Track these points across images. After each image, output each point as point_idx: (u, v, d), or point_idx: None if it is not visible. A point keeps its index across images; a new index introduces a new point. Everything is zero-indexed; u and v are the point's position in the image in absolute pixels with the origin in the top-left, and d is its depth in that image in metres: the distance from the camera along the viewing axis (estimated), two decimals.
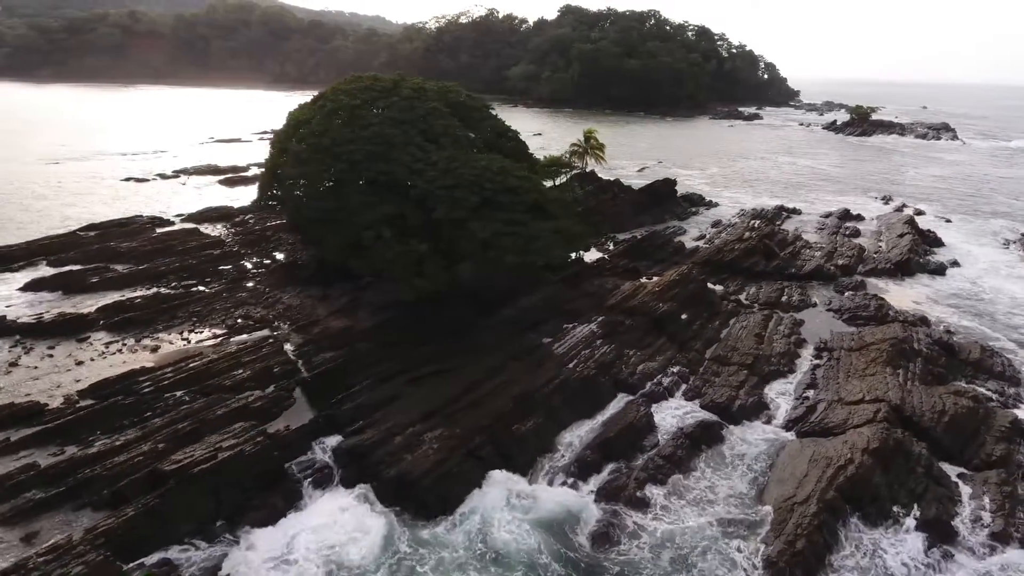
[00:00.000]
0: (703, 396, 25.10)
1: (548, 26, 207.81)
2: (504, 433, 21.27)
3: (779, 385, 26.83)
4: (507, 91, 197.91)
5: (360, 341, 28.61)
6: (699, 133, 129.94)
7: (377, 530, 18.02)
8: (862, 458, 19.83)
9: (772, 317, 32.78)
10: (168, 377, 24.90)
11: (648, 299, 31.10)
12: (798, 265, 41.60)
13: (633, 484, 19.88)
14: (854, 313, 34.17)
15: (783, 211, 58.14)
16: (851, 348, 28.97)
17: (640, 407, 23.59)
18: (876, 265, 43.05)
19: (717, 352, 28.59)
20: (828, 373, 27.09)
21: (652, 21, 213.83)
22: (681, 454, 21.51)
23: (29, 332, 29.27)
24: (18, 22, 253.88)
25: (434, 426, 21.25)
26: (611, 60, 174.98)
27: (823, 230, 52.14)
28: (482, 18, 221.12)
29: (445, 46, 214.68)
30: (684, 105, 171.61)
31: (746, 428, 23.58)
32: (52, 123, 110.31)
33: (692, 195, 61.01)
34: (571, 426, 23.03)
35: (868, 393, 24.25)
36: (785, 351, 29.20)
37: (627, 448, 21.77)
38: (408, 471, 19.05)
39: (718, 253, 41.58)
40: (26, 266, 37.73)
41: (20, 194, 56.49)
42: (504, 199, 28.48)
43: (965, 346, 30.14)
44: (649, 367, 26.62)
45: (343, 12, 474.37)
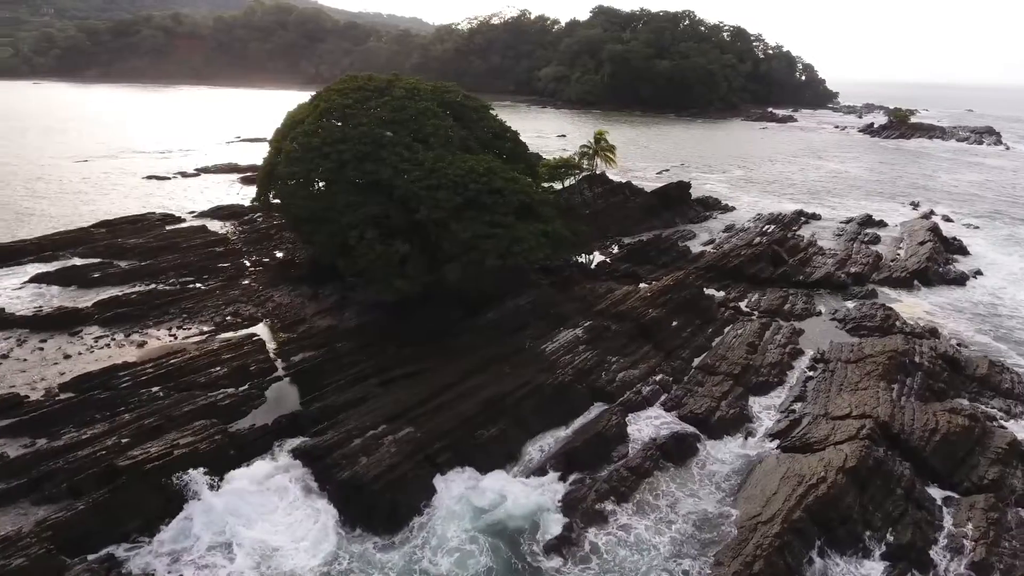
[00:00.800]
0: (683, 407, 24.28)
1: (580, 27, 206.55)
2: (466, 439, 20.84)
3: (766, 397, 25.84)
4: (538, 92, 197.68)
5: (342, 341, 28.50)
6: (728, 135, 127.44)
7: (322, 535, 17.78)
8: (836, 477, 18.82)
9: (770, 326, 31.66)
10: (148, 373, 25.12)
11: (638, 305, 30.32)
12: (807, 272, 40.20)
13: (593, 496, 19.25)
14: (858, 323, 32.80)
15: (801, 216, 56.40)
16: (848, 360, 27.74)
17: (613, 416, 22.90)
18: (891, 274, 41.35)
19: (705, 361, 27.68)
20: (820, 386, 25.96)
21: (686, 22, 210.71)
22: (649, 466, 20.80)
23: (26, 325, 29.92)
24: (69, 24, 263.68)
25: (396, 429, 20.93)
26: (642, 61, 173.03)
27: (841, 236, 50.39)
28: (514, 19, 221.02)
29: (477, 47, 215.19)
30: (716, 107, 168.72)
31: (723, 441, 22.71)
32: (91, 122, 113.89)
33: (708, 199, 59.65)
34: (542, 434, 22.49)
35: (856, 408, 23.11)
36: (778, 361, 28.12)
37: (594, 458, 21.12)
38: (360, 475, 18.77)
39: (723, 258, 40.45)
40: (35, 260, 38.70)
41: (46, 190, 58.27)
42: (488, 200, 28.06)
43: (972, 361, 28.61)
44: (630, 375, 25.88)
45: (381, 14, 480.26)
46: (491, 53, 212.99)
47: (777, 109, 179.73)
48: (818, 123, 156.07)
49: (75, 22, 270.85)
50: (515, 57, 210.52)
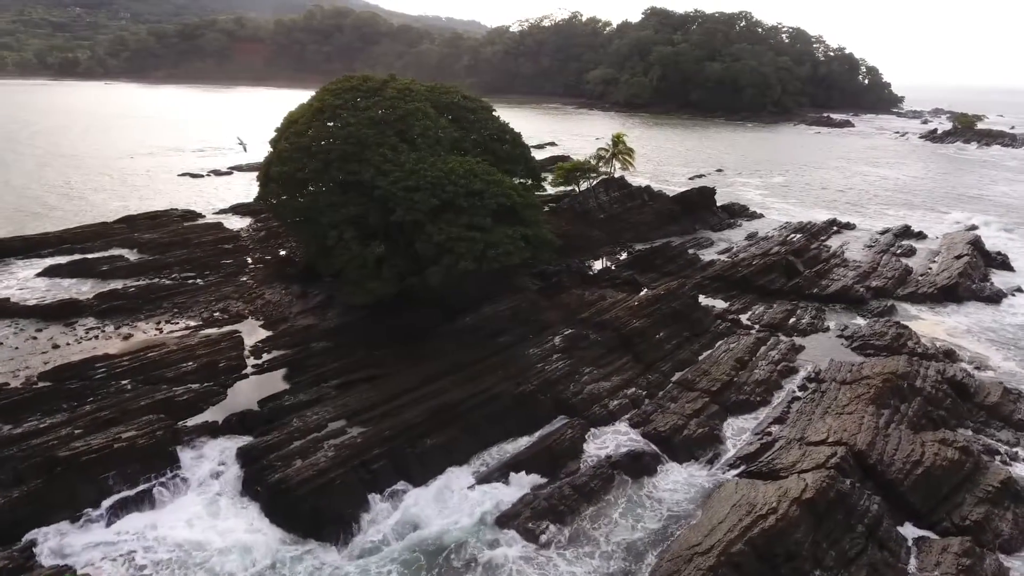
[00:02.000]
0: (649, 423, 23.07)
1: (630, 29, 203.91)
2: (407, 447, 20.29)
3: (744, 418, 24.32)
4: (586, 95, 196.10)
5: (318, 341, 28.47)
6: (776, 140, 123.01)
7: (245, 537, 17.55)
8: (788, 508, 17.38)
9: (767, 341, 29.94)
10: (123, 365, 25.54)
11: (623, 314, 29.16)
12: (822, 285, 37.97)
13: (528, 514, 18.38)
14: (865, 341, 30.66)
15: (834, 225, 53.57)
16: (844, 381, 25.87)
17: (569, 430, 21.95)
18: (917, 289, 38.67)
19: (685, 376, 26.31)
20: (805, 407, 24.26)
21: (743, 23, 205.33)
22: (596, 486, 19.78)
23: (26, 314, 31.09)
24: (141, 28, 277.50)
25: (338, 433, 20.62)
26: (692, 63, 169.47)
27: (872, 248, 47.53)
28: (565, 21, 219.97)
29: (526, 50, 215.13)
30: (768, 111, 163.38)
31: (686, 463, 21.42)
32: (146, 121, 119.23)
33: (734, 205, 57.40)
34: (495, 445, 21.70)
35: (834, 434, 21.42)
36: (765, 379, 26.49)
37: (541, 474, 20.23)
38: (288, 478, 18.46)
39: (731, 268, 38.66)
40: (55, 253, 40.32)
41: (84, 186, 61.02)
42: (465, 203, 27.49)
43: (984, 387, 26.29)
44: (601, 387, 24.80)
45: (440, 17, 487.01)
46: (540, 55, 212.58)
47: (836, 114, 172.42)
48: (877, 128, 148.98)
49: (147, 26, 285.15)
50: (564, 59, 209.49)
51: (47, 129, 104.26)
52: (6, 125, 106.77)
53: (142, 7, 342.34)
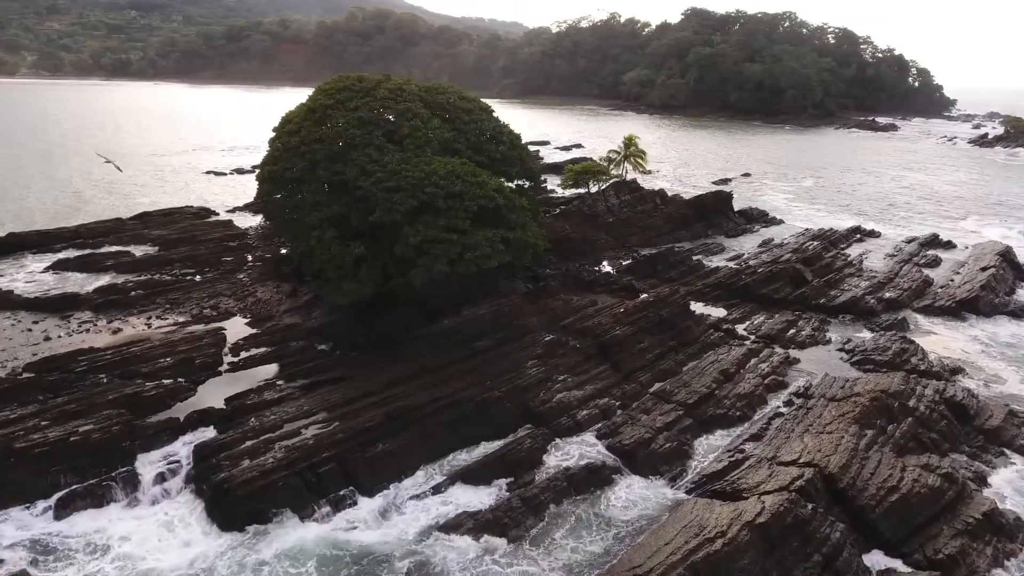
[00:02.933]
0: (616, 436, 22.25)
1: (669, 30, 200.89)
2: (358, 451, 19.98)
3: (718, 434, 23.26)
4: (622, 96, 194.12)
5: (299, 340, 28.53)
6: (814, 144, 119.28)
7: (187, 535, 17.53)
8: (738, 532, 16.42)
9: (760, 352, 28.72)
10: (105, 359, 25.92)
11: (607, 321, 28.33)
12: (830, 295, 36.32)
13: (470, 526, 17.88)
14: (866, 356, 29.13)
15: (856, 233, 51.38)
16: (834, 398, 24.53)
17: (529, 440, 21.33)
18: (934, 301, 36.68)
19: (664, 387, 25.37)
20: (785, 425, 23.06)
21: (786, 23, 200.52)
22: (546, 499, 19.13)
23: (28, 307, 31.97)
24: (191, 30, 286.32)
25: (292, 434, 20.46)
26: (730, 64, 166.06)
27: (894, 257, 45.36)
28: (603, 22, 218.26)
29: (563, 51, 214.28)
30: (809, 113, 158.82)
31: (648, 478, 20.57)
32: (188, 119, 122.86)
33: (752, 210, 55.62)
34: (452, 452, 21.24)
35: (807, 454, 20.26)
36: (749, 393, 25.35)
37: (493, 484, 19.69)
38: (232, 478, 18.37)
39: (734, 276, 37.34)
40: (68, 247, 41.49)
41: (111, 183, 62.86)
42: (444, 204, 27.08)
43: (987, 409, 24.63)
44: (572, 396, 24.08)
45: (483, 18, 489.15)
46: (577, 56, 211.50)
47: (882, 117, 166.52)
48: (923, 133, 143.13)
49: (197, 28, 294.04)
50: (601, 60, 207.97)
51: (93, 127, 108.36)
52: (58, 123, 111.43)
53: (194, 10, 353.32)
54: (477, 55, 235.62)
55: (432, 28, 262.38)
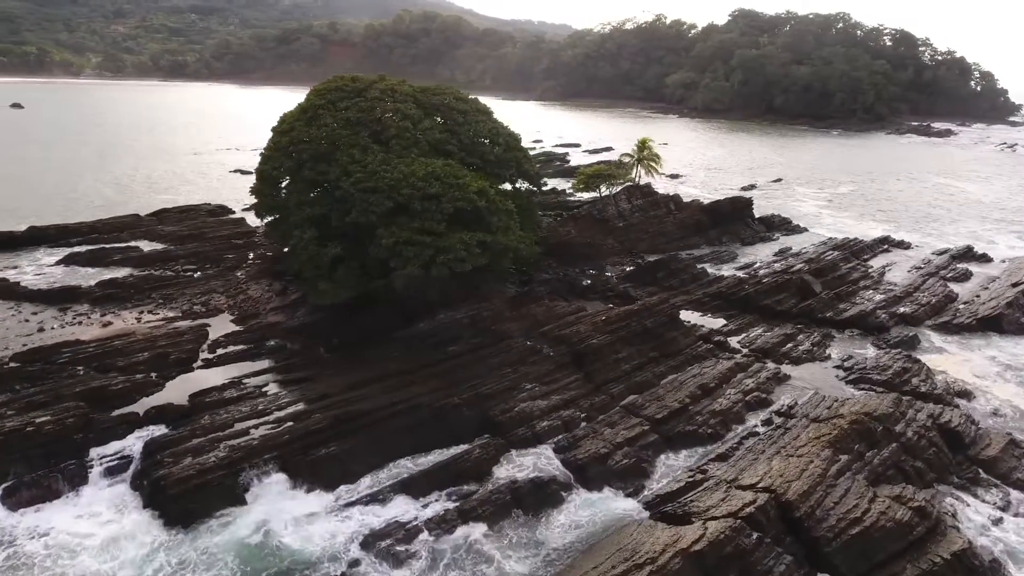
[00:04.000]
0: (574, 449, 21.42)
1: (716, 32, 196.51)
2: (301, 453, 19.74)
3: (688, 451, 22.15)
4: (665, 99, 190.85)
5: (277, 338, 28.63)
6: (859, 149, 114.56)
7: (116, 531, 17.58)
8: (669, 560, 15.46)
9: (748, 367, 27.36)
10: (88, 352, 26.49)
11: (586, 329, 27.44)
12: (839, 308, 34.45)
13: (401, 536, 17.42)
14: (863, 374, 27.42)
15: (884, 243, 48.81)
16: (817, 418, 23.09)
17: (479, 451, 20.73)
18: (953, 318, 34.40)
19: (636, 400, 24.35)
20: (757, 445, 21.80)
21: (840, 25, 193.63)
22: (485, 512, 18.48)
23: (31, 298, 32.98)
24: (246, 33, 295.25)
25: (241, 434, 20.42)
26: (777, 67, 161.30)
27: (920, 270, 42.84)
28: (648, 24, 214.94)
29: (607, 53, 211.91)
30: (859, 118, 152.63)
31: (599, 496, 19.70)
32: (230, 119, 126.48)
33: (773, 218, 53.49)
34: (401, 458, 20.79)
35: (768, 478, 19.04)
36: (727, 410, 24.10)
37: (435, 494, 19.17)
38: (169, 475, 18.37)
39: (737, 285, 35.84)
40: (83, 242, 42.82)
41: (140, 180, 64.97)
42: (420, 206, 26.72)
43: (986, 438, 22.80)
44: (536, 406, 23.32)
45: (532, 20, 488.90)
46: (621, 59, 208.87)
47: (940, 122, 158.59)
48: (981, 139, 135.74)
49: (251, 31, 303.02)
50: (645, 63, 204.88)
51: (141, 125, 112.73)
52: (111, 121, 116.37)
53: (250, 13, 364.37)
54: (520, 57, 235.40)
55: (477, 31, 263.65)
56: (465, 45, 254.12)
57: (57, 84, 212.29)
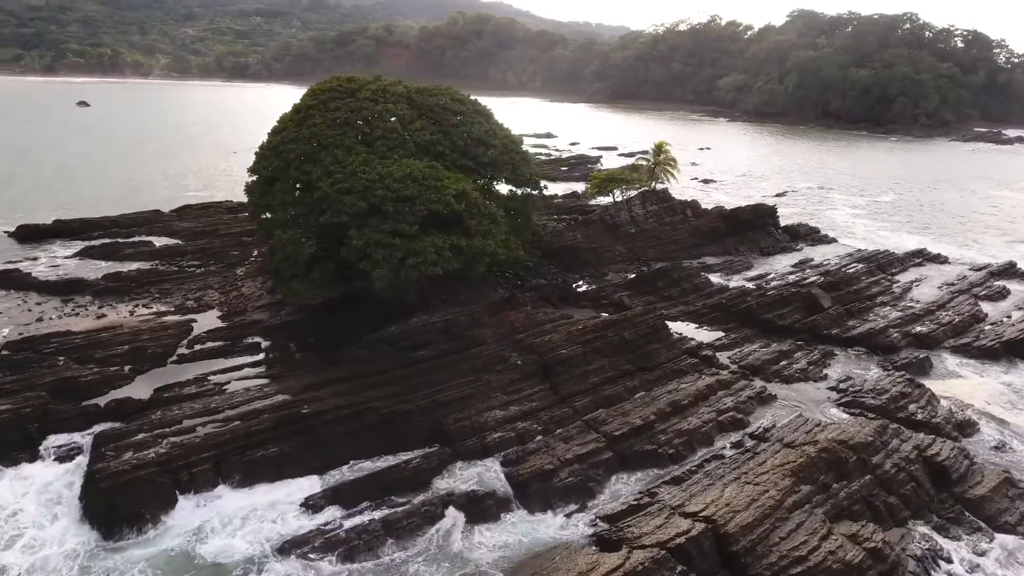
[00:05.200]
0: (522, 463, 20.61)
1: (772, 33, 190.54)
2: (236, 453, 19.62)
3: (644, 472, 20.98)
4: (717, 102, 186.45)
5: (254, 336, 28.89)
6: (916, 156, 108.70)
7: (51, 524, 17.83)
8: None
9: (732, 385, 25.88)
10: (73, 343, 27.33)
11: (559, 338, 26.51)
12: (847, 325, 32.38)
13: (319, 543, 17.06)
14: (856, 398, 25.55)
15: (917, 256, 45.84)
16: (791, 443, 21.56)
17: (419, 460, 20.20)
18: (975, 340, 31.82)
19: (599, 414, 23.30)
20: (718, 470, 20.48)
21: (906, 26, 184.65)
22: (410, 525, 17.95)
23: (39, 289, 34.37)
24: (306, 35, 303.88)
25: (187, 431, 20.46)
26: (834, 70, 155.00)
27: (951, 286, 39.96)
28: (702, 25, 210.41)
29: (658, 54, 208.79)
30: (921, 123, 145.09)
31: (539, 514, 18.85)
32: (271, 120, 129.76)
33: (800, 227, 51.00)
34: (342, 464, 20.39)
35: (714, 506, 17.78)
36: (695, 430, 22.79)
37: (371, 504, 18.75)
38: (102, 471, 18.50)
39: (739, 297, 34.16)
40: (103, 235, 44.45)
41: (176, 176, 67.20)
42: (392, 208, 26.38)
43: (978, 473, 20.80)
44: (492, 416, 22.59)
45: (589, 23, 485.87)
46: (672, 61, 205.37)
47: (1014, 129, 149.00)
48: None
49: (311, 33, 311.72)
50: (697, 65, 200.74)
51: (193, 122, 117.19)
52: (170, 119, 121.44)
53: (312, 16, 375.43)
54: (572, 59, 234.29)
55: (529, 32, 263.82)
56: (517, 47, 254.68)
57: (125, 84, 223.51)
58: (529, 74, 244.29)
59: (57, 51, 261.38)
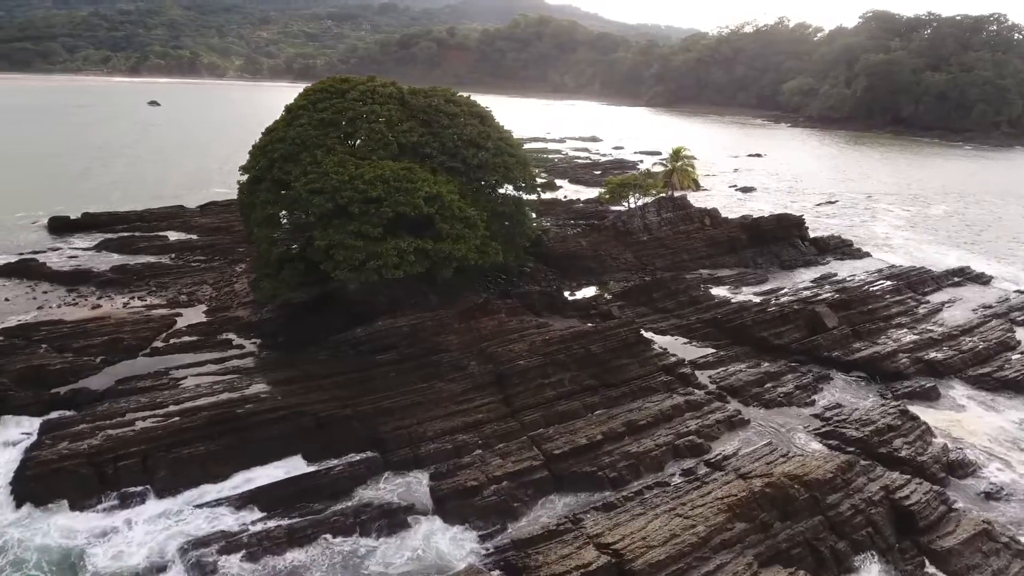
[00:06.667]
0: (449, 478, 19.87)
1: (843, 35, 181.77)
2: (163, 450, 19.67)
3: (577, 495, 19.85)
4: (781, 107, 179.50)
5: (228, 333, 29.24)
6: (986, 166, 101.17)
7: None
8: None
9: (703, 407, 24.32)
10: (62, 331, 28.38)
11: (521, 348, 25.58)
12: (851, 348, 30.00)
13: (220, 546, 16.83)
14: (837, 428, 23.50)
15: (957, 275, 42.32)
16: (747, 475, 19.98)
17: (341, 467, 19.79)
18: (997, 370, 28.92)
19: (546, 431, 22.25)
20: (656, 500, 19.07)
21: (992, 27, 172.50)
22: (312, 533, 17.50)
23: (49, 278, 35.88)
24: (373, 38, 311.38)
25: (122, 425, 20.69)
26: (908, 74, 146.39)
27: (988, 309, 36.64)
28: (769, 27, 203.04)
29: (721, 57, 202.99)
30: (1002, 131, 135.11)
31: (449, 532, 18.07)
32: None
33: (830, 239, 47.99)
34: (268, 465, 20.16)
35: (629, 538, 16.56)
36: (645, 453, 21.42)
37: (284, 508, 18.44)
38: (32, 459, 18.93)
39: (735, 313, 32.25)
40: (129, 229, 46.26)
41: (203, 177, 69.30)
42: (358, 209, 26.11)
43: (952, 521, 18.64)
44: (433, 427, 21.92)
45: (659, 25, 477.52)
46: (736, 63, 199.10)
47: None
48: None
49: (380, 35, 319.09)
50: (762, 68, 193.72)
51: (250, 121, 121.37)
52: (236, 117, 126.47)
53: (381, 19, 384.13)
54: (632, 62, 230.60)
55: (591, 35, 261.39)
56: (578, 50, 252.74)
57: (200, 84, 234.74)
58: (588, 77, 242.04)
59: (141, 53, 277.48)
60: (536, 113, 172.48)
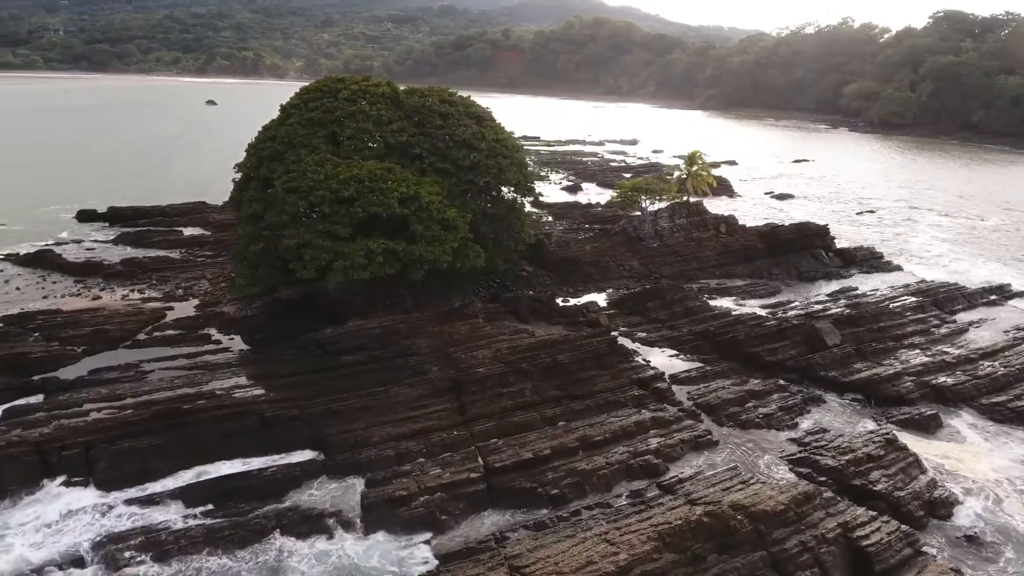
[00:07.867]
0: (384, 485, 19.41)
1: (911, 36, 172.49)
2: (106, 442, 19.90)
3: (511, 512, 19.08)
4: (841, 111, 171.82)
5: (211, 328, 29.65)
6: None
7: None
8: None
9: (669, 424, 23.12)
10: (56, 321, 29.49)
11: (485, 355, 24.90)
12: (850, 368, 28.04)
13: (136, 543, 16.93)
14: (811, 454, 21.88)
15: (993, 292, 39.21)
16: (697, 501, 18.77)
17: (274, 469, 19.59)
18: (1014, 399, 26.43)
19: (494, 443, 21.51)
20: (591, 522, 18.14)
21: None
22: (236, 536, 17.42)
23: (61, 269, 37.35)
24: (430, 39, 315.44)
25: (81, 415, 21.09)
26: (978, 77, 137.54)
27: (1022, 331, 33.73)
28: (831, 28, 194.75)
29: (779, 60, 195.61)
30: None
31: (365, 543, 17.61)
32: None
33: (858, 250, 45.26)
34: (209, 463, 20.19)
35: (546, 564, 15.65)
36: (593, 472, 20.44)
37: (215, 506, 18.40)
38: None
39: (729, 326, 30.62)
40: (151, 223, 47.81)
41: None
42: (328, 209, 25.99)
43: (915, 566, 16.95)
44: (380, 432, 21.51)
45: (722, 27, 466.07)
46: (794, 66, 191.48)
47: None
48: None
49: (436, 38, 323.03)
50: (822, 71, 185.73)
51: None
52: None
53: (440, 22, 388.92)
54: (687, 64, 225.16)
55: (646, 36, 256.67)
56: (633, 51, 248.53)
57: (258, 84, 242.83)
58: (642, 79, 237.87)
59: (208, 54, 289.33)
60: (583, 115, 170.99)
